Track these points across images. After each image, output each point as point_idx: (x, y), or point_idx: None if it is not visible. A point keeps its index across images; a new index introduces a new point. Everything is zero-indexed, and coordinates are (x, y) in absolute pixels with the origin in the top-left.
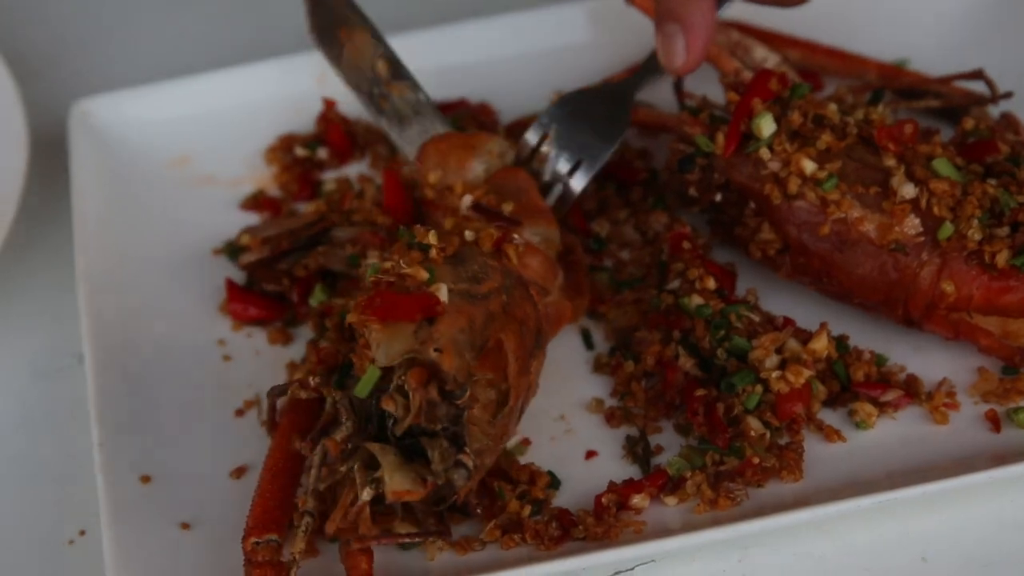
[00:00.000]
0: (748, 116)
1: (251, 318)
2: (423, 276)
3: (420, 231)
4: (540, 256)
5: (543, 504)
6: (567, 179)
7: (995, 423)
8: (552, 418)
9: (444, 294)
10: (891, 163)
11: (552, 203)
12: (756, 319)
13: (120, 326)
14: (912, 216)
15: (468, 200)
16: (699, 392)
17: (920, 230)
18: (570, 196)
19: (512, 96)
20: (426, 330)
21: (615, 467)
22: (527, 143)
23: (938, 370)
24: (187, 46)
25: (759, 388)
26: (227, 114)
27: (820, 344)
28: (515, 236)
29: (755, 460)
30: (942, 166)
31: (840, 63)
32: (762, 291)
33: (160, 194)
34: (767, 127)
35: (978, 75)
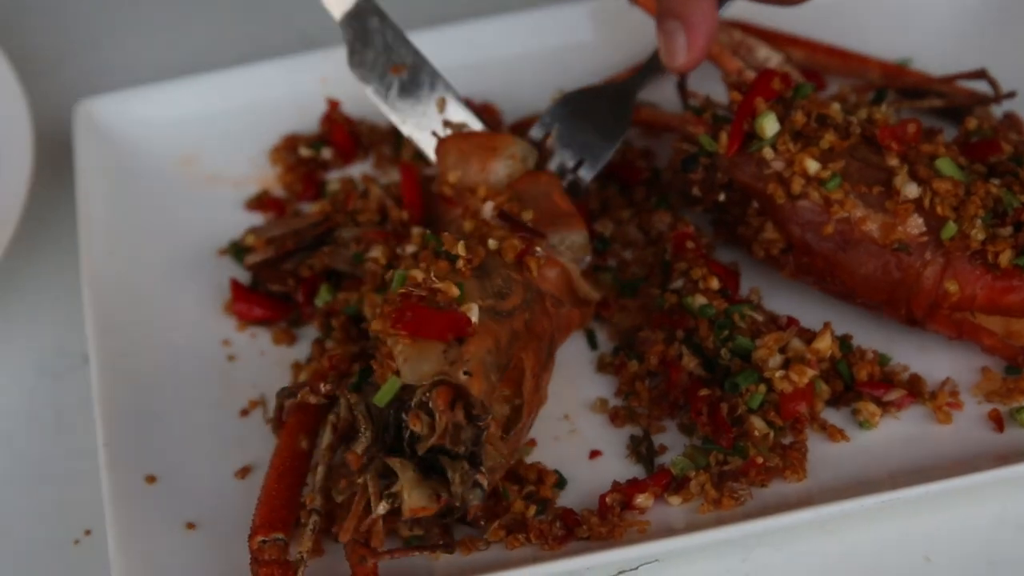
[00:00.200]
0: (751, 116)
1: (256, 318)
2: (454, 293)
3: (448, 239)
4: (558, 268)
5: (547, 504)
6: (571, 176)
7: (998, 423)
8: (556, 418)
9: (475, 314)
10: (894, 163)
11: None
12: (760, 319)
13: (125, 326)
14: (915, 216)
15: (490, 207)
16: (703, 392)
17: (923, 230)
18: (575, 193)
19: (516, 96)
20: (456, 350)
21: (619, 467)
22: (530, 142)
23: (941, 370)
24: (191, 46)
25: (763, 388)
26: (231, 114)
27: (824, 344)
28: (538, 249)
29: (759, 460)
30: (945, 166)
31: (843, 63)
32: (765, 291)
33: (164, 194)
34: (770, 127)
35: (981, 75)
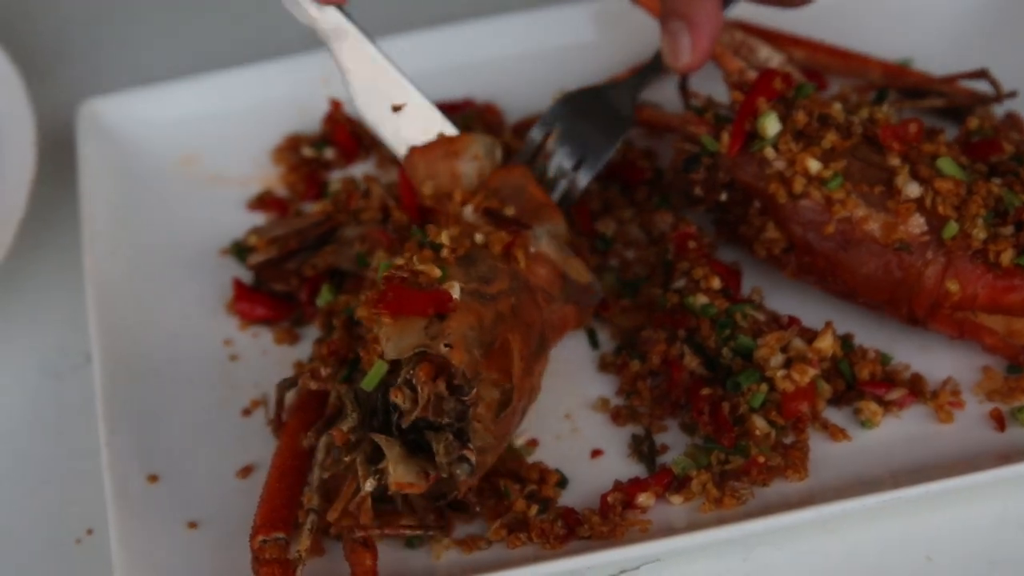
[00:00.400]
0: (753, 115)
1: (258, 318)
2: (436, 273)
3: (432, 230)
4: (548, 265)
5: (549, 503)
6: (571, 175)
7: (1000, 422)
8: (558, 417)
9: (456, 292)
10: (896, 162)
11: (556, 199)
12: (761, 318)
13: (128, 326)
14: (917, 215)
15: (469, 210)
16: (704, 391)
17: (925, 229)
18: (575, 192)
19: (518, 95)
20: (437, 326)
21: (621, 466)
22: (531, 140)
23: (943, 369)
24: (194, 46)
25: (764, 387)
26: (234, 114)
27: (825, 343)
28: (531, 248)
29: (760, 459)
30: (946, 165)
31: (844, 62)
32: (767, 290)
33: (167, 194)
34: (772, 126)
35: (982, 74)
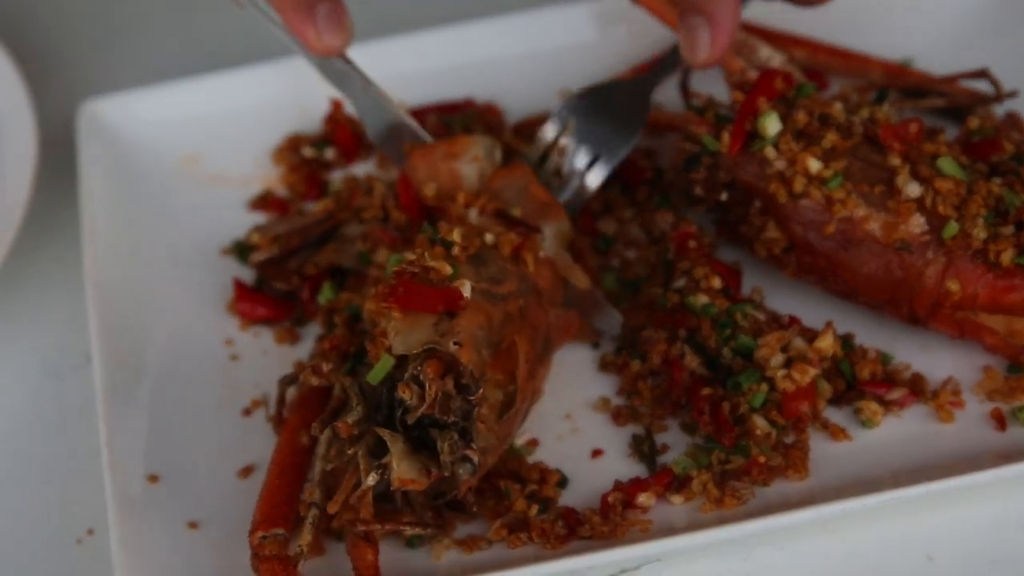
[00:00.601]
0: (753, 115)
1: (259, 318)
2: (448, 271)
3: (444, 227)
4: (552, 270)
5: (549, 503)
6: (585, 174)
7: (1000, 422)
8: (558, 417)
9: (468, 290)
10: (896, 162)
11: (568, 197)
12: (762, 318)
13: (128, 326)
14: (917, 215)
15: (474, 214)
16: (705, 391)
17: (925, 229)
18: (586, 192)
19: (518, 96)
20: (446, 323)
21: (621, 466)
22: (544, 136)
23: (943, 369)
24: (195, 47)
25: (765, 387)
26: (235, 115)
27: (826, 343)
28: (537, 246)
29: (761, 459)
30: (947, 165)
31: (845, 62)
32: (768, 290)
33: (168, 195)
34: (772, 126)
35: (983, 74)
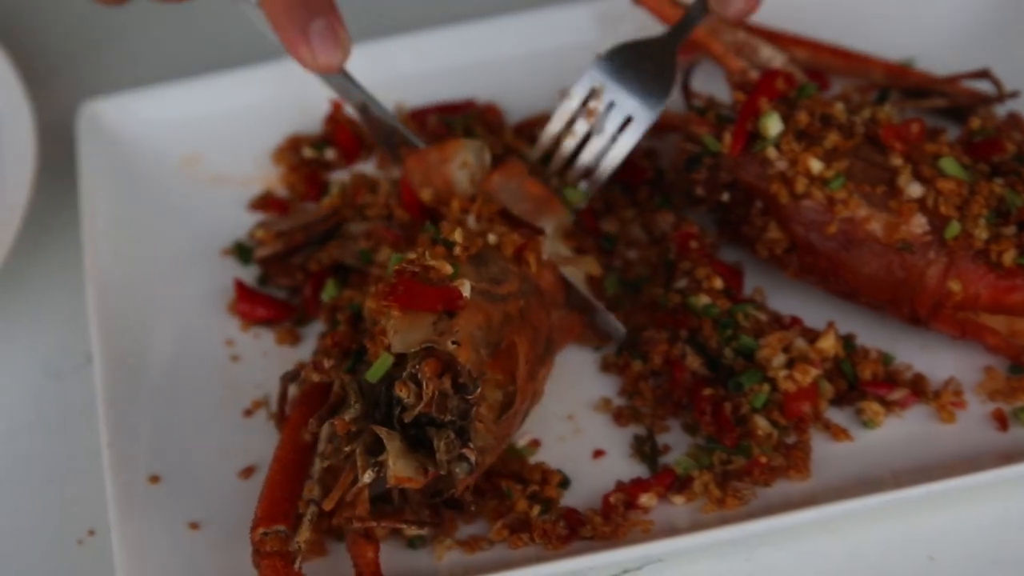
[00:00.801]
0: (755, 115)
1: (259, 318)
2: (448, 270)
3: (446, 227)
4: (555, 273)
5: (551, 503)
6: (618, 136)
7: (1002, 422)
8: (560, 418)
9: (467, 290)
10: (898, 162)
11: (600, 160)
12: (763, 318)
13: (129, 326)
14: (919, 215)
15: (472, 219)
16: (706, 391)
17: (927, 229)
18: (619, 154)
19: (519, 96)
20: (445, 322)
21: (623, 466)
22: (570, 104)
23: (945, 369)
24: (195, 47)
25: (766, 387)
26: (235, 115)
27: (827, 343)
28: (540, 248)
29: (762, 459)
30: (949, 165)
31: (846, 63)
32: (769, 290)
33: (168, 195)
34: (774, 126)
35: (984, 74)
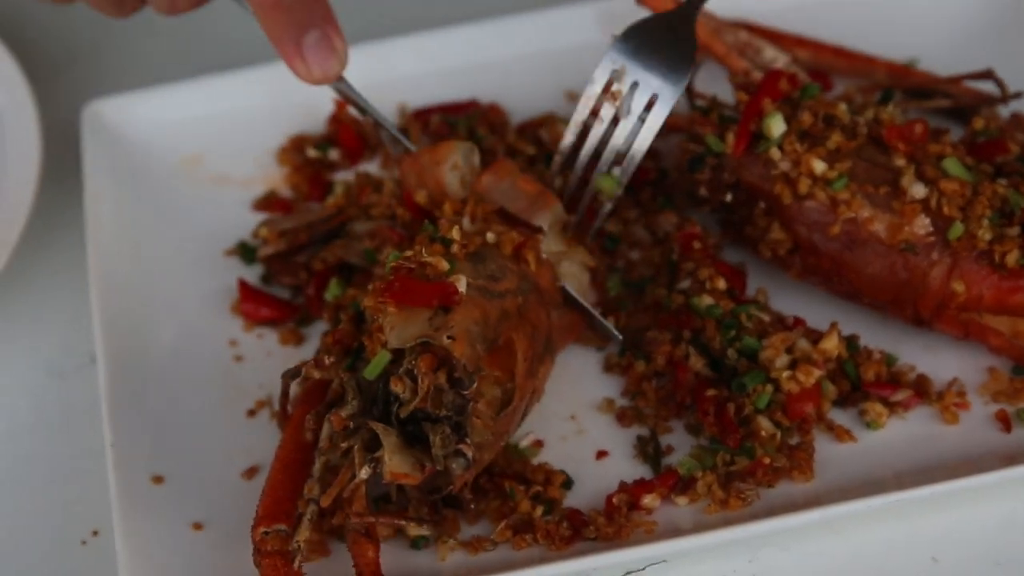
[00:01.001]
0: (758, 116)
1: (263, 319)
2: (444, 266)
3: (444, 225)
4: (553, 272)
5: (554, 504)
6: (644, 116)
7: (1005, 423)
8: (563, 418)
9: (463, 285)
10: (901, 163)
11: (630, 143)
12: (766, 319)
13: (132, 326)
14: (922, 216)
15: (467, 221)
16: (710, 392)
17: (930, 230)
18: (650, 133)
19: (522, 96)
20: (441, 318)
21: (626, 467)
22: (591, 91)
23: (948, 370)
24: (199, 47)
25: (769, 388)
26: (239, 115)
27: (830, 344)
28: (539, 246)
29: (766, 460)
30: (952, 166)
31: (850, 63)
32: (772, 291)
33: (172, 195)
34: (777, 127)
35: (988, 75)
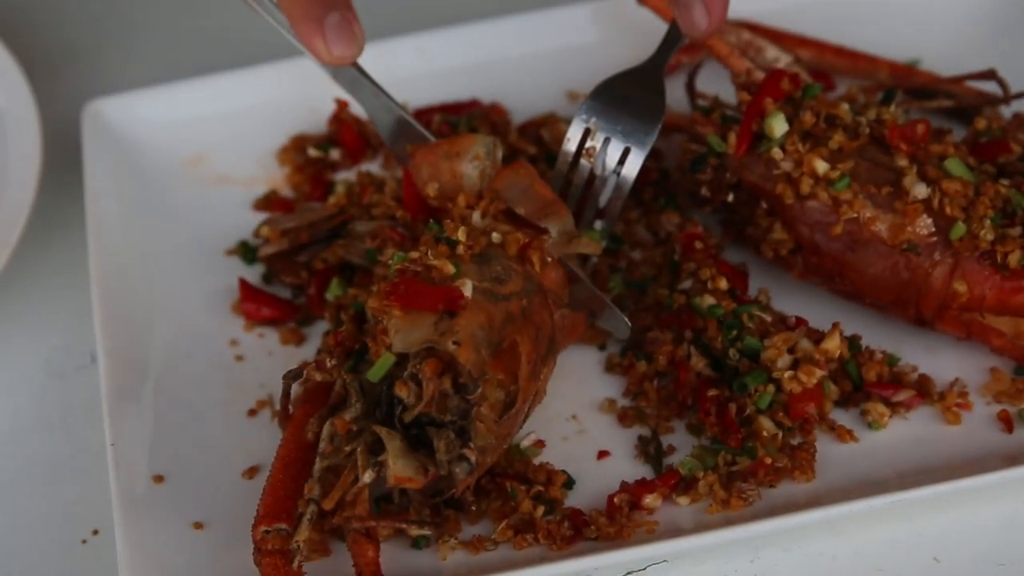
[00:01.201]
0: (760, 116)
1: (264, 318)
2: (450, 270)
3: (450, 226)
4: (560, 271)
5: (556, 504)
6: (619, 169)
7: (1007, 423)
8: (564, 418)
9: (469, 290)
10: (903, 163)
11: (608, 197)
12: (768, 319)
13: (133, 326)
14: (924, 216)
15: (478, 216)
16: (711, 392)
17: (932, 230)
18: (625, 186)
19: (524, 96)
20: (446, 322)
21: (627, 467)
22: (569, 147)
23: (950, 370)
24: (200, 47)
25: (771, 388)
26: (240, 115)
27: (832, 344)
28: (544, 247)
29: (767, 460)
30: (954, 166)
31: (852, 63)
32: (774, 291)
33: (173, 195)
34: (779, 127)
35: (990, 75)
